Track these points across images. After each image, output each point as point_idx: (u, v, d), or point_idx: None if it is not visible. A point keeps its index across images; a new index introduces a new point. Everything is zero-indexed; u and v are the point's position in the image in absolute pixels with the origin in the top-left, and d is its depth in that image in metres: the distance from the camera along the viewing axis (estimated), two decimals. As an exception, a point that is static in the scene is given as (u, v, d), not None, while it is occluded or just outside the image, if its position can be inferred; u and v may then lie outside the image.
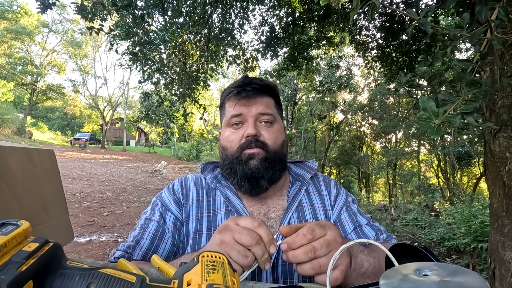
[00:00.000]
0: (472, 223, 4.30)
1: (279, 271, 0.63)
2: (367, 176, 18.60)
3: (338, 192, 0.79)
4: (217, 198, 0.73)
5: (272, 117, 0.70)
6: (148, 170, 12.47)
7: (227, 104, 0.72)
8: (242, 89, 0.68)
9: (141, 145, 34.57)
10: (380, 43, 4.67)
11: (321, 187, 0.79)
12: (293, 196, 0.73)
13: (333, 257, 0.41)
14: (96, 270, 0.28)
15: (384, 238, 0.71)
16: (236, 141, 0.68)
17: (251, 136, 0.67)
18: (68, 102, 30.92)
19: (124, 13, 3.30)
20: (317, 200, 0.75)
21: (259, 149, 0.67)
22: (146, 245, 0.64)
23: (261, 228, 0.47)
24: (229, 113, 0.70)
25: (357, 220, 0.73)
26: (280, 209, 0.72)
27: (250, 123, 0.67)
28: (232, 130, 0.70)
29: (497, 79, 1.44)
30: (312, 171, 0.80)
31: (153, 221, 0.68)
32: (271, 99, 0.73)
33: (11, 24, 21.39)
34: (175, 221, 0.69)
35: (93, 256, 3.34)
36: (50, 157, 1.33)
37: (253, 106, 0.68)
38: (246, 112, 0.68)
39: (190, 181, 0.77)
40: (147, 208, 0.73)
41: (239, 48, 5.39)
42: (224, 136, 0.71)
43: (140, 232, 0.66)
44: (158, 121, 5.25)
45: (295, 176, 0.79)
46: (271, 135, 0.69)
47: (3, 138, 13.84)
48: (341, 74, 10.85)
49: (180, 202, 0.72)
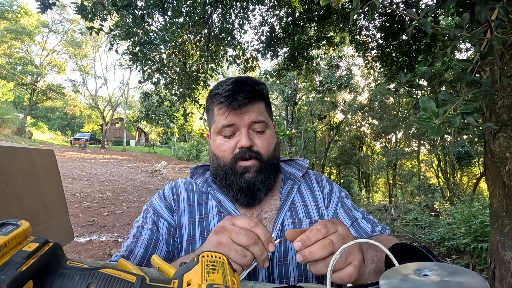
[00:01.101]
0: (472, 223, 4.31)
1: (275, 271, 0.63)
2: (367, 176, 18.61)
3: (332, 189, 0.79)
4: (209, 202, 0.72)
5: (264, 124, 0.68)
6: (148, 170, 12.47)
7: (217, 110, 0.68)
8: (233, 98, 0.65)
9: (141, 145, 34.57)
10: (380, 43, 4.67)
11: (313, 185, 0.79)
12: (285, 196, 0.73)
13: (334, 257, 0.40)
14: (96, 270, 0.28)
15: (380, 229, 0.72)
16: (229, 151, 0.67)
17: (245, 147, 0.65)
18: (68, 102, 30.93)
19: (124, 13, 3.30)
20: (310, 198, 0.75)
21: (254, 160, 0.66)
22: (140, 254, 0.63)
23: (258, 227, 0.47)
24: (219, 122, 0.67)
25: (353, 215, 0.73)
26: (273, 209, 0.71)
27: (243, 133, 0.66)
28: (224, 138, 0.68)
29: (497, 79, 1.44)
30: (304, 169, 0.79)
31: (145, 229, 0.67)
32: (262, 104, 0.71)
33: (11, 24, 21.39)
34: (169, 228, 0.69)
35: (93, 256, 3.34)
36: (50, 157, 1.33)
37: (245, 115, 0.66)
38: (238, 122, 0.66)
39: (180, 186, 0.76)
40: (139, 217, 0.72)
41: (239, 48, 5.39)
42: (215, 144, 0.69)
43: (133, 241, 0.65)
44: (158, 121, 5.25)
45: (287, 175, 0.79)
46: (264, 143, 0.68)
47: (3, 138, 13.84)
48: (341, 74, 10.85)
49: (172, 208, 0.72)
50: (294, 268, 0.64)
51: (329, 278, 0.39)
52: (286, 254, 0.65)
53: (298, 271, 0.64)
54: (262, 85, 0.71)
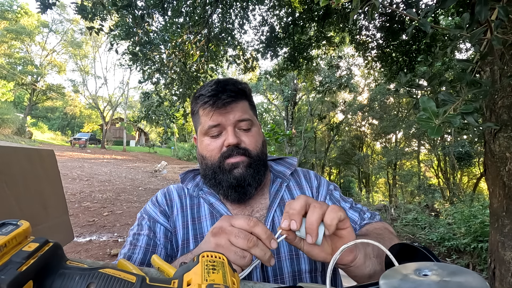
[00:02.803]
0: (472, 223, 4.31)
1: (269, 268, 0.64)
2: (367, 176, 18.62)
3: (319, 183, 0.80)
4: (201, 206, 0.73)
5: (250, 122, 0.69)
6: (148, 170, 12.47)
7: (202, 112, 0.69)
8: (217, 98, 0.65)
9: (141, 145, 34.57)
10: (380, 43, 4.68)
11: (301, 181, 0.79)
12: (274, 194, 0.74)
13: (334, 257, 0.41)
14: (96, 270, 0.28)
15: (368, 216, 0.72)
16: (217, 150, 0.68)
17: (232, 145, 0.66)
18: (68, 102, 30.93)
19: (124, 13, 3.30)
20: (298, 193, 0.75)
21: (242, 156, 0.66)
22: (139, 259, 0.63)
23: (257, 227, 0.46)
24: (205, 123, 0.68)
25: (342, 207, 0.73)
26: (263, 208, 0.72)
27: (230, 132, 0.66)
28: (211, 139, 0.69)
29: (497, 79, 1.44)
30: (292, 167, 0.80)
31: (142, 235, 0.67)
32: (246, 102, 0.71)
33: (11, 24, 21.40)
34: (166, 232, 0.69)
35: (93, 256, 3.34)
36: (50, 157, 1.33)
37: (230, 114, 0.67)
38: (224, 121, 0.66)
39: (173, 192, 0.77)
40: (134, 225, 0.72)
41: (239, 48, 5.39)
42: (203, 145, 0.70)
43: (130, 248, 0.65)
44: (158, 121, 5.25)
45: (276, 173, 0.80)
46: (251, 139, 0.69)
47: (3, 138, 13.84)
48: (341, 74, 10.86)
49: (167, 213, 0.72)
50: (287, 264, 0.65)
51: (329, 278, 0.39)
52: (279, 251, 0.65)
53: (291, 267, 0.65)
54: (245, 84, 0.71)
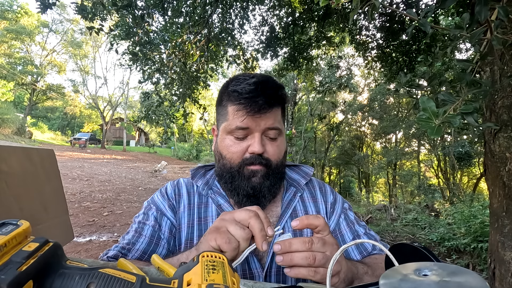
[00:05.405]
0: (472, 223, 4.30)
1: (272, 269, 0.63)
2: (367, 176, 18.62)
3: (335, 199, 0.78)
4: (209, 205, 0.71)
5: (278, 131, 0.66)
6: (148, 170, 12.47)
7: (232, 109, 0.64)
8: (253, 101, 0.61)
9: (141, 145, 34.56)
10: (380, 43, 4.68)
11: (316, 193, 0.77)
12: (287, 203, 0.72)
13: (334, 257, 0.41)
14: (96, 270, 0.28)
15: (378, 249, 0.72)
16: (239, 154, 0.65)
17: (256, 154, 0.63)
18: (68, 102, 30.92)
19: (124, 13, 3.30)
20: (312, 207, 0.74)
21: (262, 166, 0.64)
22: (142, 248, 0.63)
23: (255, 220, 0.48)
24: (233, 122, 0.64)
25: (355, 229, 0.72)
26: (274, 216, 0.70)
27: (257, 139, 0.63)
28: (235, 140, 0.65)
29: (497, 79, 1.44)
30: (308, 176, 0.78)
31: (147, 225, 0.67)
32: (279, 109, 0.67)
33: (11, 24, 21.39)
34: (171, 227, 0.68)
35: (93, 256, 3.34)
36: (50, 157, 1.33)
37: (262, 120, 0.63)
38: (253, 126, 0.63)
39: (182, 186, 0.75)
40: (139, 213, 0.72)
41: (239, 48, 5.39)
42: (224, 143, 0.66)
43: (135, 235, 0.65)
44: (158, 121, 5.25)
45: (290, 181, 0.77)
46: (275, 150, 0.66)
47: (3, 138, 13.84)
48: (341, 74, 10.84)
49: (174, 208, 0.71)
50: None
51: (329, 278, 0.39)
52: None
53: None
54: (283, 90, 0.67)
